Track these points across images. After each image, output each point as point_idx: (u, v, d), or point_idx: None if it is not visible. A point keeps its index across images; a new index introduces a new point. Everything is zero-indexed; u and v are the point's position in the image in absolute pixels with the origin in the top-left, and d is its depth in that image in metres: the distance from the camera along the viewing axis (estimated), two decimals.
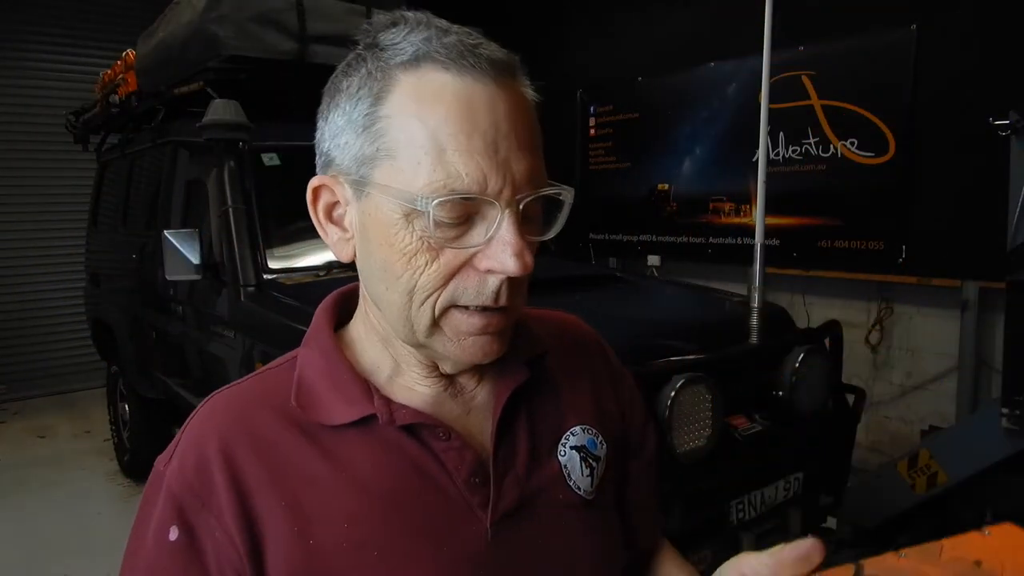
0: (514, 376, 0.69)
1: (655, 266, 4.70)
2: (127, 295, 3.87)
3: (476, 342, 0.61)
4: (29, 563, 3.26)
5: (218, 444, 0.61)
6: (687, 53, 4.61)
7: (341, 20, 3.05)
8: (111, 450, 4.47)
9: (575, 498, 0.70)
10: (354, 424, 0.63)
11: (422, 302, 0.59)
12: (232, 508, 0.59)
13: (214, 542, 0.59)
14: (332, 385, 0.64)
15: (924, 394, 3.75)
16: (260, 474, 0.60)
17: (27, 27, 5.83)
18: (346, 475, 0.61)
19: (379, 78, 0.58)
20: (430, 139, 0.55)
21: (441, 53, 0.57)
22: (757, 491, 2.19)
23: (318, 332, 0.69)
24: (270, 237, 2.78)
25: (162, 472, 0.62)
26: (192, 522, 0.59)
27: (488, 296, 0.59)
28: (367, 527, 0.60)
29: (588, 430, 0.73)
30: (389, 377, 0.67)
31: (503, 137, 0.56)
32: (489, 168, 0.55)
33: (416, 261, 0.58)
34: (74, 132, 4.66)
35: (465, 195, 0.55)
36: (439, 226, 0.56)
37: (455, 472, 0.64)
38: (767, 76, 2.42)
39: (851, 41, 3.76)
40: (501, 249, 0.57)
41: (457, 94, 0.56)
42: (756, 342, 2.31)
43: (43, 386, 6.07)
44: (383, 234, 0.59)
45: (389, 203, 0.57)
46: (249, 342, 2.52)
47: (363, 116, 0.59)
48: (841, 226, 3.86)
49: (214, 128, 2.64)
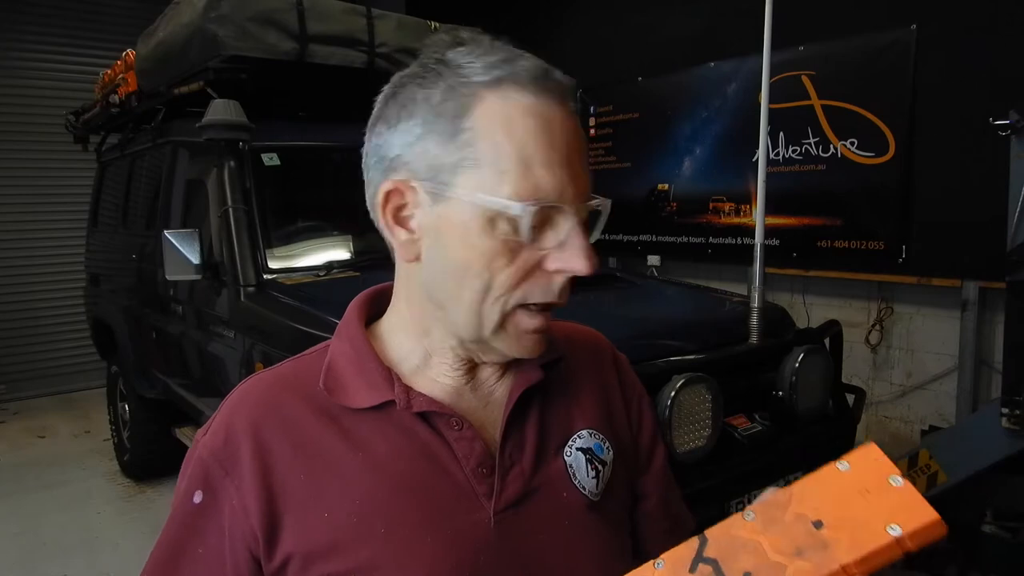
0: (529, 376, 0.73)
1: (655, 266, 4.71)
2: (127, 295, 3.87)
3: (532, 339, 0.67)
4: (29, 563, 3.26)
5: (248, 420, 0.68)
6: (687, 53, 4.61)
7: (341, 20, 3.05)
8: (111, 450, 4.47)
9: (579, 497, 0.73)
10: (374, 408, 0.68)
11: (496, 299, 0.64)
12: (254, 479, 0.65)
13: (231, 508, 0.66)
14: (358, 372, 0.70)
15: (924, 394, 3.75)
16: (284, 450, 0.66)
17: (27, 27, 5.82)
18: (362, 455, 0.67)
19: (464, 93, 0.63)
20: (516, 152, 0.62)
21: (522, 76, 0.63)
22: (757, 491, 2.18)
23: (348, 324, 0.74)
24: (270, 237, 2.78)
25: (197, 441, 0.70)
26: (216, 487, 0.67)
27: (555, 294, 0.65)
28: (377, 504, 0.65)
29: (595, 435, 0.77)
30: (415, 368, 0.72)
31: (574, 152, 0.64)
32: (566, 180, 0.63)
33: (496, 262, 0.63)
34: (74, 132, 4.66)
35: (551, 203, 0.62)
36: (519, 228, 0.62)
37: (464, 460, 0.68)
38: (767, 76, 2.42)
39: (851, 41, 3.76)
40: (573, 252, 0.64)
41: (538, 113, 0.63)
42: (756, 342, 2.31)
43: (43, 386, 6.06)
44: (463, 235, 0.63)
45: (472, 208, 0.62)
46: (249, 342, 2.52)
47: (447, 126, 0.63)
48: (841, 226, 3.86)
49: (214, 128, 2.64)
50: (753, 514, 0.49)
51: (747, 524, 0.49)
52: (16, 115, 5.82)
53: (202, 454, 0.68)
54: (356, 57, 3.08)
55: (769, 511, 0.49)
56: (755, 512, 0.49)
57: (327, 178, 3.17)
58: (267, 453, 0.66)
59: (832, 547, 0.46)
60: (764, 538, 0.48)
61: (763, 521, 0.48)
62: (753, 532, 0.48)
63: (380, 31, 3.14)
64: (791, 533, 0.48)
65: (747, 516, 0.49)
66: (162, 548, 0.70)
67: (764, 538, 0.48)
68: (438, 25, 3.33)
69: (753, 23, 2.72)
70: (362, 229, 3.02)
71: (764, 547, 0.48)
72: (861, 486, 0.48)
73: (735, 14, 4.17)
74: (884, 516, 0.47)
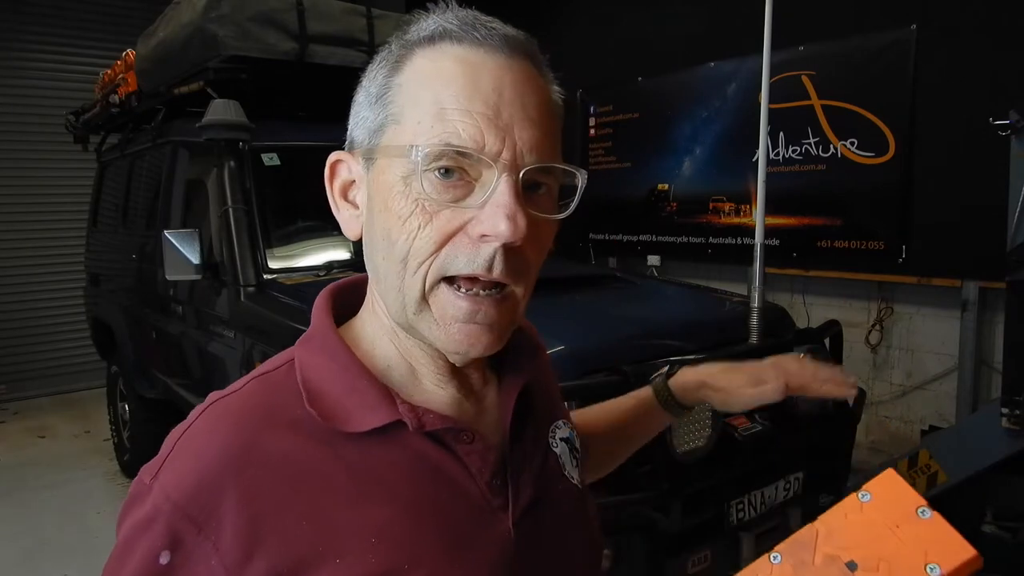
0: (520, 375, 0.69)
1: (655, 266, 4.71)
2: (127, 295, 3.87)
3: (462, 330, 0.58)
4: (29, 563, 3.26)
5: (224, 462, 0.55)
6: (687, 53, 4.61)
7: (341, 20, 3.05)
8: (111, 450, 4.47)
9: (573, 488, 0.72)
10: (374, 431, 0.59)
11: (415, 270, 0.57)
12: (242, 534, 0.54)
13: (208, 569, 0.54)
14: (346, 390, 0.60)
15: (924, 394, 3.75)
16: (278, 491, 0.55)
17: (27, 27, 5.82)
18: (371, 486, 0.58)
19: (397, 54, 0.60)
20: (433, 101, 0.56)
21: (455, 26, 0.58)
22: (757, 491, 2.19)
23: (321, 330, 0.64)
24: (270, 237, 2.78)
25: (149, 487, 0.56)
26: (188, 547, 0.54)
27: (481, 264, 0.56)
28: (396, 539, 0.57)
29: (567, 424, 0.75)
30: (404, 379, 0.64)
31: (507, 103, 0.56)
32: (488, 128, 0.55)
33: (410, 224, 0.56)
34: (74, 132, 4.66)
35: (459, 149, 0.54)
36: (430, 182, 0.55)
37: (478, 475, 0.62)
38: (767, 76, 2.42)
39: (851, 41, 3.76)
40: (494, 212, 0.54)
41: (463, 59, 0.57)
42: (756, 342, 2.31)
43: (43, 386, 6.06)
44: (383, 199, 0.58)
45: (390, 166, 0.57)
46: (249, 342, 2.52)
47: (377, 87, 0.60)
48: (841, 226, 3.86)
49: (214, 128, 2.64)
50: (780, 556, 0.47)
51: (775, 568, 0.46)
52: (16, 115, 5.82)
53: (162, 506, 0.55)
54: (356, 57, 3.08)
55: (796, 552, 0.46)
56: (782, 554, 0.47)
57: None
58: (256, 498, 0.54)
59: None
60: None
61: (792, 565, 0.46)
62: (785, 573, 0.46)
63: (380, 31, 3.14)
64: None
65: (774, 559, 0.47)
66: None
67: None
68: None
69: (753, 23, 2.72)
70: None
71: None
72: (889, 520, 0.45)
73: (735, 14, 4.17)
74: (920, 554, 0.44)
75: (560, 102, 0.64)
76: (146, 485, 0.57)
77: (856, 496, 0.47)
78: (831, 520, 0.47)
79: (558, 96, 0.63)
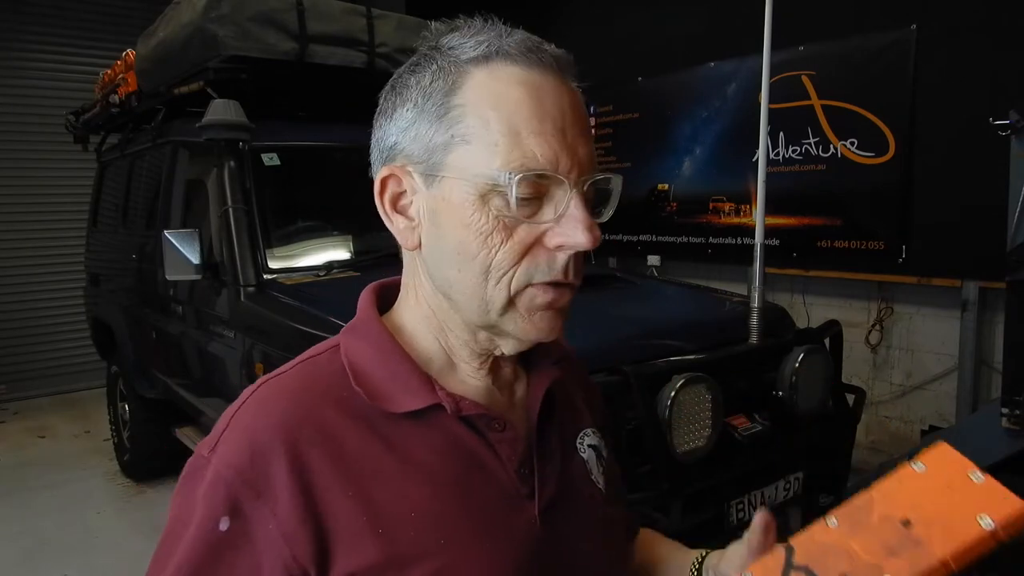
0: (548, 373, 0.73)
1: (655, 266, 4.70)
2: (127, 295, 3.87)
3: (544, 317, 0.63)
4: (29, 563, 3.26)
5: (276, 433, 0.60)
6: (687, 53, 4.61)
7: (341, 20, 3.05)
8: (111, 450, 4.47)
9: (597, 492, 0.74)
10: (414, 413, 0.64)
11: (498, 280, 0.61)
12: (293, 501, 0.58)
13: (267, 536, 0.58)
14: (389, 374, 0.65)
15: (924, 394, 3.75)
16: (324, 464, 0.60)
17: (27, 27, 5.82)
18: (410, 465, 0.63)
19: (452, 71, 0.62)
20: (505, 124, 0.59)
21: (510, 48, 0.61)
22: (757, 491, 2.19)
23: (366, 321, 0.70)
24: (270, 237, 2.78)
25: (207, 459, 0.61)
26: (247, 513, 0.58)
27: (558, 271, 0.61)
28: (431, 515, 0.61)
29: (595, 432, 0.78)
30: (442, 369, 0.68)
31: (569, 124, 0.61)
32: (560, 149, 0.60)
33: (492, 240, 0.60)
34: (74, 132, 4.65)
35: (541, 172, 0.59)
36: (519, 202, 0.59)
37: (508, 462, 0.66)
38: (767, 76, 2.42)
39: (851, 41, 3.76)
40: (572, 225, 0.60)
41: (528, 83, 0.61)
42: (756, 342, 2.31)
43: (43, 386, 6.06)
44: (458, 216, 0.61)
45: (464, 186, 0.61)
46: (249, 342, 2.52)
47: (436, 106, 0.62)
48: (841, 226, 3.86)
49: (214, 128, 2.64)
50: (836, 520, 0.49)
51: (832, 530, 0.48)
52: (16, 115, 5.82)
53: (223, 474, 0.59)
54: (356, 57, 3.08)
55: (853, 515, 0.48)
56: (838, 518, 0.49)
57: (327, 178, 3.17)
58: (306, 470, 0.59)
59: (925, 543, 0.46)
60: (854, 541, 0.47)
61: (849, 525, 0.48)
62: (841, 537, 0.48)
63: (380, 31, 3.14)
64: (881, 534, 0.47)
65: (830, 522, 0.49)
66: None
67: (854, 541, 0.47)
68: (438, 25, 3.33)
69: (753, 23, 2.72)
70: (362, 229, 3.02)
71: (855, 550, 0.47)
72: (943, 483, 0.48)
73: (735, 14, 4.17)
74: (973, 510, 0.47)
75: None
76: (204, 458, 0.61)
77: (910, 466, 0.49)
78: (886, 487, 0.49)
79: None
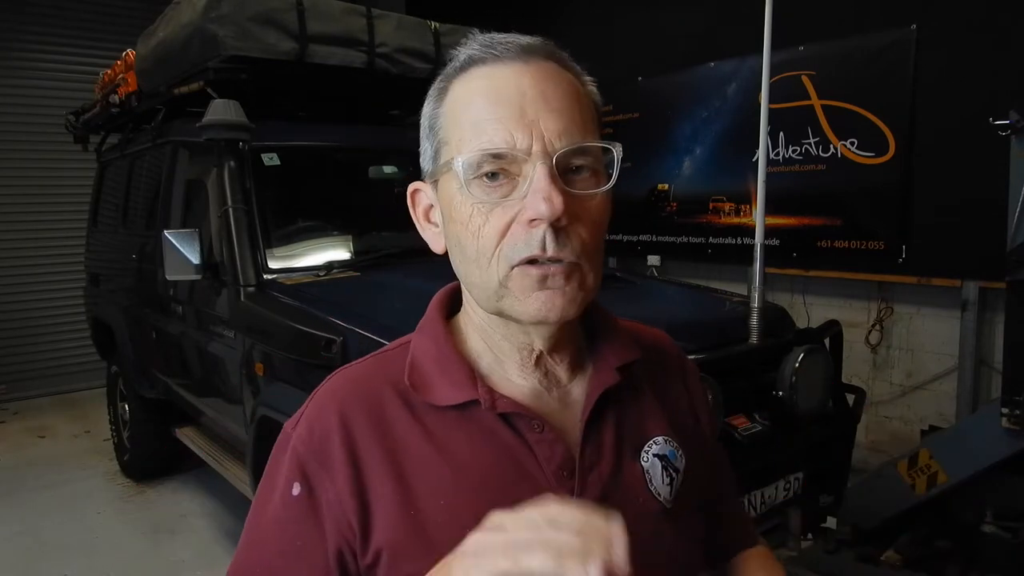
0: (606, 378, 0.73)
1: (655, 266, 4.71)
2: (127, 295, 3.87)
3: (538, 297, 0.65)
4: (29, 563, 3.26)
5: (339, 417, 0.69)
6: (687, 53, 4.61)
7: (341, 20, 3.04)
8: (111, 450, 4.47)
9: (655, 504, 0.73)
10: (457, 407, 0.69)
11: (487, 264, 0.65)
12: (346, 473, 0.66)
13: (328, 500, 0.67)
14: (441, 370, 0.70)
15: (924, 394, 3.75)
16: (373, 447, 0.67)
17: (27, 27, 5.82)
18: (446, 455, 0.67)
19: (441, 88, 0.69)
20: (469, 119, 0.65)
21: (479, 51, 0.66)
22: (757, 491, 2.19)
23: (431, 320, 0.75)
24: (270, 237, 2.78)
25: (289, 435, 0.71)
26: (312, 481, 0.68)
27: (535, 245, 0.63)
28: (462, 506, 0.65)
29: (669, 441, 0.76)
30: (490, 367, 0.72)
31: (529, 101, 0.63)
32: (516, 128, 0.62)
33: (472, 227, 0.64)
34: (74, 132, 4.65)
35: (492, 151, 0.62)
36: (480, 186, 0.63)
37: (545, 463, 0.68)
38: (767, 76, 2.42)
39: (851, 41, 3.76)
40: (533, 196, 0.62)
41: (488, 76, 0.65)
42: (756, 342, 2.31)
43: (43, 386, 6.06)
44: (449, 211, 0.67)
45: (449, 182, 0.66)
46: (249, 342, 2.52)
47: (428, 120, 0.70)
48: (841, 226, 3.86)
49: (214, 128, 2.64)
50: None
51: None
52: (16, 115, 5.82)
53: (297, 447, 0.69)
54: (356, 57, 3.08)
55: None
56: None
57: (327, 178, 3.18)
58: (357, 449, 0.67)
59: None
60: None
61: None
62: None
63: (380, 31, 3.14)
64: None
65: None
66: (258, 537, 0.70)
67: None
68: (438, 25, 3.33)
69: (753, 23, 2.72)
70: (362, 229, 3.02)
71: None
72: None
73: (735, 14, 4.17)
74: None
75: (594, 90, 0.71)
76: (288, 433, 0.72)
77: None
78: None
79: (590, 85, 0.71)
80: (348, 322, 2.08)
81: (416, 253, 2.49)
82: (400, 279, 2.51)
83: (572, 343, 0.75)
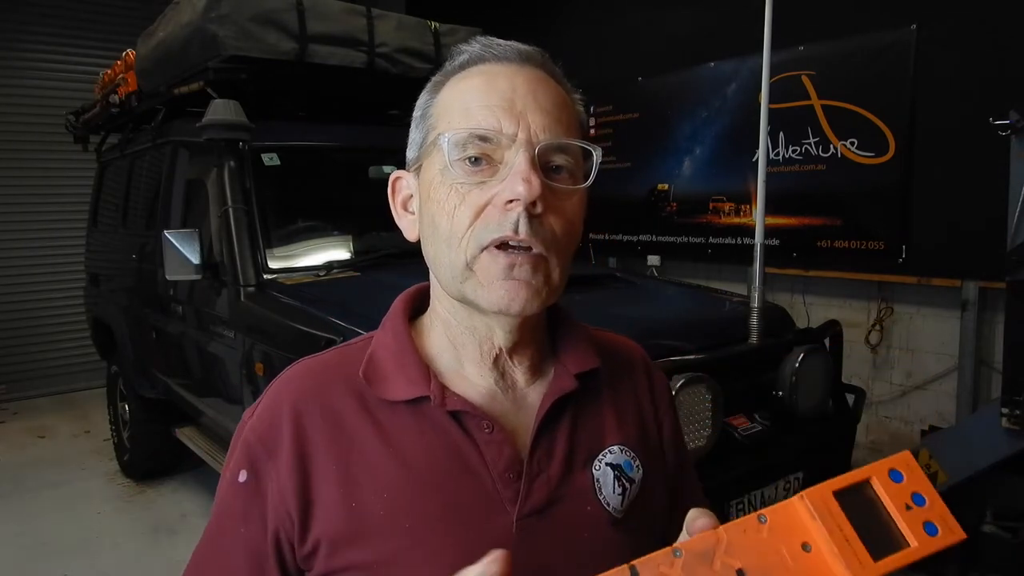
0: (563, 384, 0.73)
1: (655, 266, 4.70)
2: (127, 295, 3.87)
3: (503, 286, 0.65)
4: (29, 563, 3.26)
5: (291, 407, 0.69)
6: (687, 53, 4.61)
7: (341, 20, 3.05)
8: (111, 450, 4.47)
9: (603, 513, 0.72)
10: (409, 403, 0.69)
11: (457, 244, 0.65)
12: (291, 464, 0.67)
13: (272, 490, 0.68)
14: (397, 365, 0.71)
15: (924, 394, 3.75)
16: (320, 439, 0.68)
17: (27, 27, 5.82)
18: (393, 449, 0.68)
19: (438, 81, 0.72)
20: (461, 106, 0.67)
21: (478, 51, 0.69)
22: (757, 491, 2.19)
23: (393, 316, 0.76)
24: (270, 237, 2.78)
25: (244, 423, 0.72)
26: (259, 469, 0.69)
27: (508, 226, 0.63)
28: (403, 499, 0.66)
29: (626, 451, 0.75)
30: (449, 367, 0.73)
31: (520, 96, 0.66)
32: (504, 116, 0.65)
33: (448, 206, 0.66)
34: (74, 132, 4.66)
35: (479, 131, 0.64)
36: (461, 169, 0.65)
37: (492, 464, 0.68)
38: (767, 76, 2.42)
39: (851, 41, 3.76)
40: (512, 178, 0.63)
41: (485, 72, 0.68)
42: (756, 342, 2.31)
43: (43, 386, 6.06)
44: (427, 193, 0.69)
45: (431, 164, 0.68)
46: (249, 342, 2.52)
47: (420, 110, 0.72)
48: (841, 226, 3.86)
49: (214, 128, 2.64)
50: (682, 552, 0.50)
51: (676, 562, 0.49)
52: (16, 115, 5.82)
53: (248, 436, 0.70)
54: (356, 57, 3.08)
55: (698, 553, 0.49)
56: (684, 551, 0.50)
57: (327, 178, 3.18)
58: (305, 440, 0.68)
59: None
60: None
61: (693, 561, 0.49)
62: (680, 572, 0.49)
63: (380, 31, 3.14)
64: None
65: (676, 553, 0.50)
66: (210, 526, 0.72)
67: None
68: (438, 25, 3.33)
69: (753, 23, 2.72)
70: (362, 229, 3.02)
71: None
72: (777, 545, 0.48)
73: (735, 14, 4.17)
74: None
75: (581, 109, 0.74)
76: (244, 421, 0.73)
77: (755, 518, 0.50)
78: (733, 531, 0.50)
79: (579, 104, 0.73)
80: (348, 322, 2.07)
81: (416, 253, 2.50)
82: (400, 279, 2.50)
83: (534, 346, 0.74)
